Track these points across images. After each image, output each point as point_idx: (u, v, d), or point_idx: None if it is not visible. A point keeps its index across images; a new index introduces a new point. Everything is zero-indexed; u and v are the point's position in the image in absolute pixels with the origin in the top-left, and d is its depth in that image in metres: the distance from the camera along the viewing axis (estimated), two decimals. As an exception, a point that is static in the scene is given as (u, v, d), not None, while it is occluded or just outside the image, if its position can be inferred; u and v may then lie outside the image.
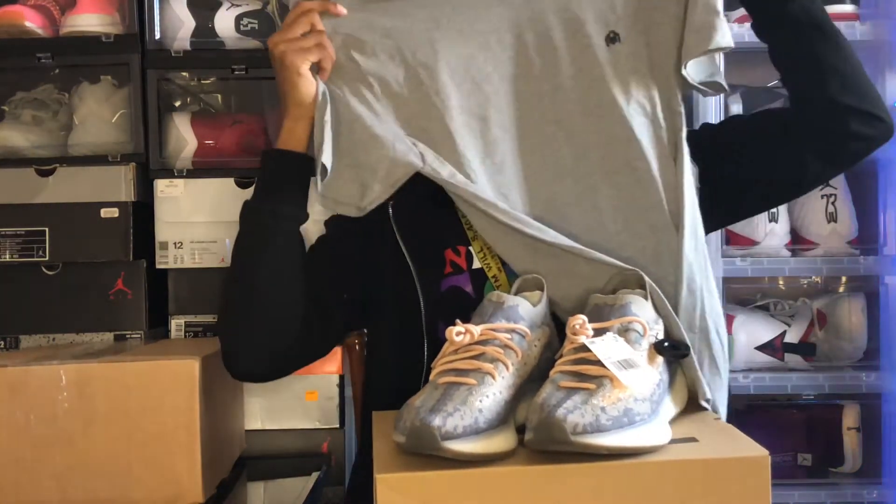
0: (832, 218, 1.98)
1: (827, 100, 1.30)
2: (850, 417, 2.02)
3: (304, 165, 1.33)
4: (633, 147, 1.25)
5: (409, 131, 1.29)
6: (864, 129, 1.32)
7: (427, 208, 1.38)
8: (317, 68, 1.31)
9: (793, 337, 2.02)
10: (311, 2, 1.32)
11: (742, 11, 1.97)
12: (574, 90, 1.28)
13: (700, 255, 1.24)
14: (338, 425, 1.89)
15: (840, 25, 1.91)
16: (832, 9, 1.98)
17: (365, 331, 1.71)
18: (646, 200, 1.24)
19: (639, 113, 1.26)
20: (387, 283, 1.37)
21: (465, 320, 1.10)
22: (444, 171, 1.25)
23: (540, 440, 0.91)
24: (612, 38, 1.27)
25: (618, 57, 1.27)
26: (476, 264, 1.35)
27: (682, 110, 1.27)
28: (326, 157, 1.27)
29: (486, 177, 1.28)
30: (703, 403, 1.12)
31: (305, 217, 1.36)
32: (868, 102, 1.31)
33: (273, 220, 1.33)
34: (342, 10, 1.31)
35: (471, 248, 1.36)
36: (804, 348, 2.02)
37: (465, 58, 1.29)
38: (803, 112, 1.34)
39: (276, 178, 1.35)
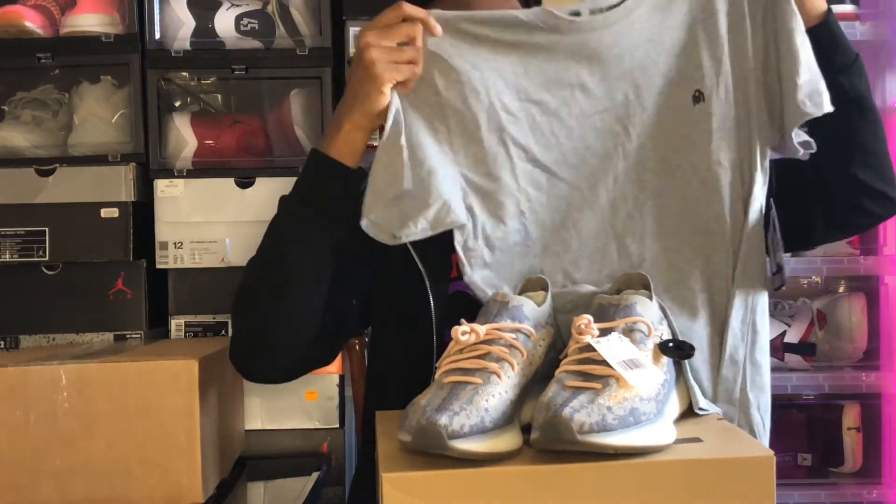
0: (832, 218, 1.98)
1: (849, 175, 1.30)
2: (850, 417, 2.03)
3: (356, 180, 1.26)
4: (711, 208, 1.23)
5: (473, 176, 1.26)
6: (873, 207, 1.33)
7: None
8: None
9: (793, 337, 2.02)
10: (415, 8, 1.20)
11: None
12: (657, 149, 1.25)
13: (747, 326, 1.22)
14: (338, 425, 1.89)
15: (840, 25, 1.94)
16: (832, 9, 1.98)
17: (366, 331, 1.71)
18: (718, 265, 1.22)
19: (721, 175, 1.23)
20: (394, 284, 1.36)
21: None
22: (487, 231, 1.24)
23: (546, 439, 0.90)
24: (697, 98, 1.24)
25: (703, 116, 1.23)
26: None
27: (765, 173, 1.24)
28: (408, 183, 1.21)
29: (546, 233, 1.26)
30: (698, 412, 1.11)
31: (345, 234, 1.29)
32: (885, 182, 1.32)
33: (315, 233, 1.27)
34: (439, 30, 1.22)
35: None
36: (804, 348, 2.02)
37: (549, 111, 1.26)
38: (822, 180, 1.32)
39: (327, 188, 1.27)
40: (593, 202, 1.26)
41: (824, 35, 1.27)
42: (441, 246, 1.29)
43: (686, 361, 1.11)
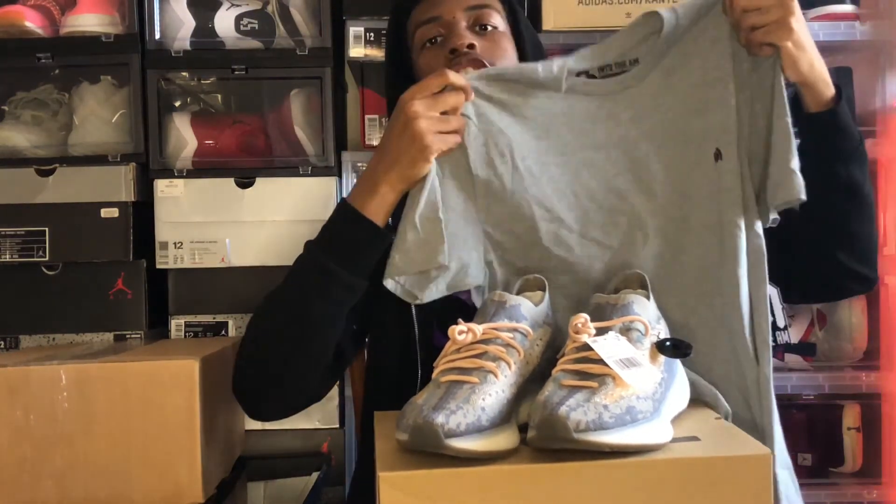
0: (832, 218, 1.98)
1: (831, 258, 1.30)
2: (850, 417, 2.02)
3: (384, 242, 1.25)
4: (726, 269, 1.21)
5: (495, 232, 1.27)
6: (854, 287, 1.37)
7: None
8: None
9: (793, 337, 2.02)
10: (457, 76, 1.22)
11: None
12: (681, 208, 1.25)
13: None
14: (338, 425, 1.90)
15: (840, 25, 1.94)
16: (832, 9, 1.98)
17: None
18: (732, 327, 1.21)
19: (734, 234, 1.21)
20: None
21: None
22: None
23: (543, 438, 0.90)
24: (717, 155, 1.23)
25: (721, 174, 1.22)
26: None
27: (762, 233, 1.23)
28: (444, 260, 1.22)
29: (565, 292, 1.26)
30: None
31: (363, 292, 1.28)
32: (866, 264, 1.33)
33: (343, 292, 1.26)
34: (472, 96, 1.24)
35: None
36: (804, 348, 2.02)
37: (571, 171, 1.26)
38: (801, 256, 1.33)
39: (358, 249, 1.26)
40: (614, 260, 1.26)
41: (831, 122, 1.25)
42: None
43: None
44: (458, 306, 1.28)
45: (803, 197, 1.17)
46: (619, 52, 1.27)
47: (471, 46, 1.36)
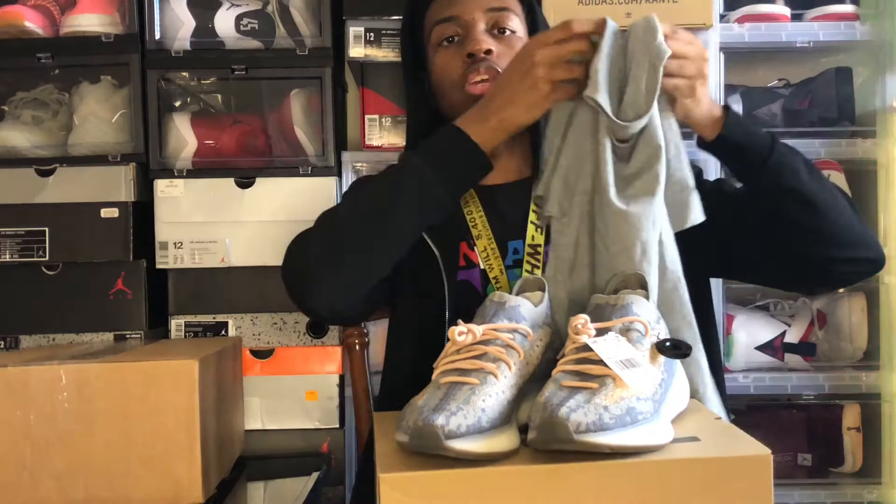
0: (832, 218, 1.98)
1: (823, 256, 1.30)
2: (850, 417, 2.02)
3: (485, 171, 1.29)
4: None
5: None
6: (854, 271, 1.34)
7: None
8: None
9: (793, 337, 2.02)
10: (584, 24, 1.23)
11: (742, 12, 1.97)
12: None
13: None
14: (338, 425, 1.90)
15: (840, 25, 1.94)
16: (832, 9, 1.98)
17: (365, 329, 1.72)
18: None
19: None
20: (409, 263, 1.35)
21: (473, 316, 1.10)
22: None
23: (543, 439, 0.90)
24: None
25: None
26: (482, 264, 1.36)
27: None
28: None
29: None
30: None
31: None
32: (860, 248, 1.32)
33: (432, 202, 1.27)
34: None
35: (475, 247, 1.36)
36: (804, 348, 2.02)
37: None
38: (797, 263, 1.33)
39: (458, 167, 1.28)
40: None
41: (725, 147, 1.29)
42: (452, 233, 1.34)
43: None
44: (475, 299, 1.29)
45: (700, 220, 1.25)
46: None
47: (488, 52, 1.37)
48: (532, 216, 1.37)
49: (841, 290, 2.13)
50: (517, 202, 1.39)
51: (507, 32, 1.41)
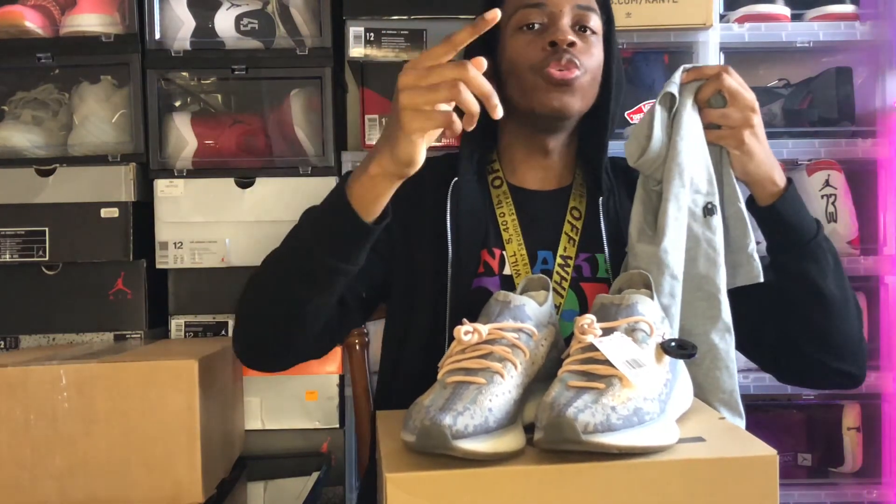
0: (832, 218, 1.98)
1: (811, 357, 1.33)
2: (850, 417, 2.02)
3: (368, 237, 1.16)
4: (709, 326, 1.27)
5: None
6: (837, 381, 1.37)
7: (474, 202, 1.38)
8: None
9: (793, 337, 2.02)
10: (464, 35, 1.03)
11: (742, 11, 1.97)
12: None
13: None
14: (338, 425, 1.89)
15: (840, 25, 1.94)
16: (832, 9, 1.98)
17: (365, 329, 1.71)
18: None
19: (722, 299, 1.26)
20: (420, 263, 1.35)
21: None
22: None
23: (551, 439, 0.90)
24: (709, 210, 1.25)
25: (712, 228, 1.26)
26: (507, 270, 1.35)
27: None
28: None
29: None
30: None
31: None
32: (848, 362, 1.34)
33: (326, 275, 1.19)
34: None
35: (504, 252, 1.36)
36: (804, 348, 2.02)
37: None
38: (785, 353, 1.36)
39: (343, 238, 1.17)
40: None
41: (775, 217, 1.30)
42: (474, 238, 1.33)
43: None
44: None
45: (761, 279, 1.27)
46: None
47: (571, 45, 1.34)
48: (566, 227, 1.37)
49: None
50: (553, 212, 1.40)
51: (588, 32, 1.38)
